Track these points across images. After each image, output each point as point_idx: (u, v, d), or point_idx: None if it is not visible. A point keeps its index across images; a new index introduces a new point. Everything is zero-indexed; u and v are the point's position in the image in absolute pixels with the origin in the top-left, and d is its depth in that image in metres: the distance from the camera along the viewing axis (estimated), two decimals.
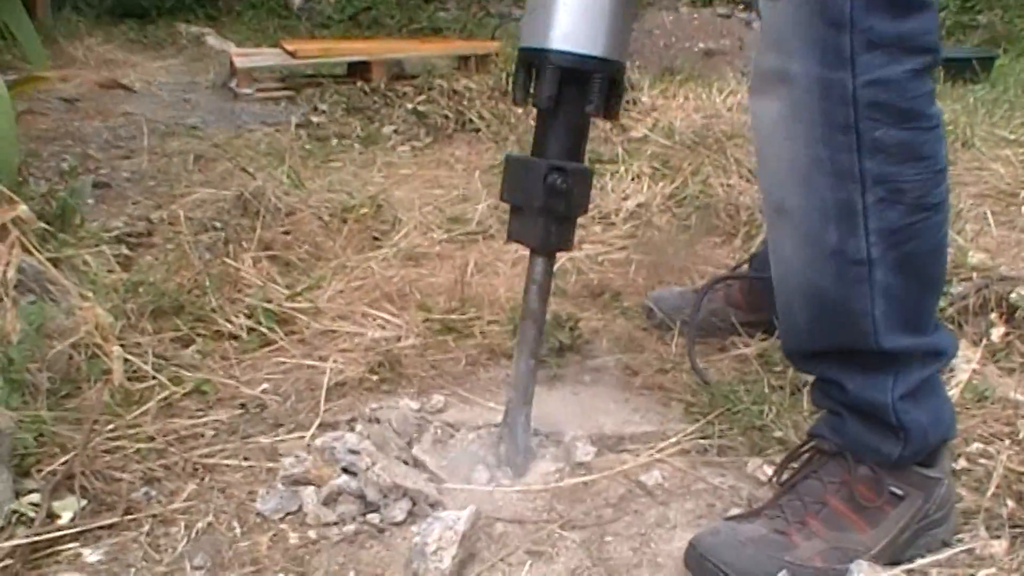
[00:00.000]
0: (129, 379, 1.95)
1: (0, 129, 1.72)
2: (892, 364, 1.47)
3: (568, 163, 1.66)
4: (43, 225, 2.06)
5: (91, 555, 1.52)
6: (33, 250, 1.71)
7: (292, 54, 5.27)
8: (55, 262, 2.27)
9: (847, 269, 1.42)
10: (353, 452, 1.69)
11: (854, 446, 1.51)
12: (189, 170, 3.64)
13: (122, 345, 2.01)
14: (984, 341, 2.18)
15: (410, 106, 4.53)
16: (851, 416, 1.51)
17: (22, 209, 1.40)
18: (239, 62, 5.28)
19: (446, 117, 4.38)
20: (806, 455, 1.60)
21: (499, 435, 1.80)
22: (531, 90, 1.67)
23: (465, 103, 4.49)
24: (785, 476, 1.62)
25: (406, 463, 1.75)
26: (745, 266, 2.32)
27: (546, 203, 1.65)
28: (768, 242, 1.61)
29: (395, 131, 4.33)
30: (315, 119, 4.49)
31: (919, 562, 1.50)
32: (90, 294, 2.19)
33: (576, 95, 1.63)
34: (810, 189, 1.41)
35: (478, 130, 4.31)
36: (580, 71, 1.60)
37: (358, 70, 5.33)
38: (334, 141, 4.15)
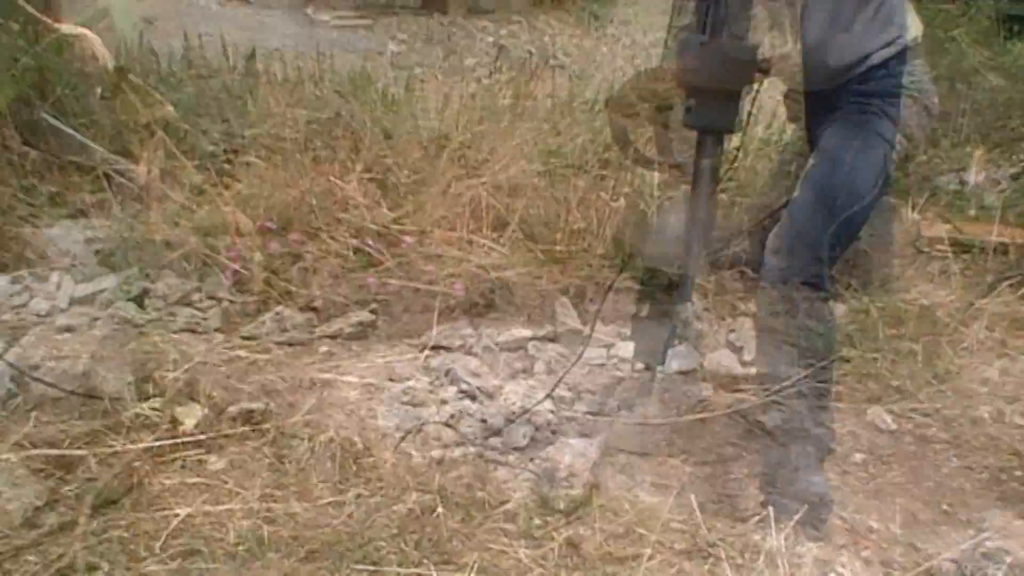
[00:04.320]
0: (241, 292, 1.94)
1: (122, 24, 1.69)
2: None
3: None
4: (185, 127, 2.05)
5: (216, 462, 1.52)
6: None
7: None
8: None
9: None
10: (474, 375, 1.68)
11: None
12: (276, 91, 3.59)
13: (230, 258, 2.00)
14: None
15: (491, 39, 4.47)
16: None
17: (168, 110, 1.38)
18: None
19: (529, 52, 4.32)
20: None
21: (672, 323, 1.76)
22: None
23: (547, 39, 4.43)
24: None
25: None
26: None
27: None
28: None
29: (477, 63, 4.27)
30: (395, 48, 4.43)
31: None
32: (195, 206, 2.18)
33: None
34: None
35: (563, 66, 4.24)
36: None
37: (434, 2, 5.27)
38: (417, 70, 4.09)
